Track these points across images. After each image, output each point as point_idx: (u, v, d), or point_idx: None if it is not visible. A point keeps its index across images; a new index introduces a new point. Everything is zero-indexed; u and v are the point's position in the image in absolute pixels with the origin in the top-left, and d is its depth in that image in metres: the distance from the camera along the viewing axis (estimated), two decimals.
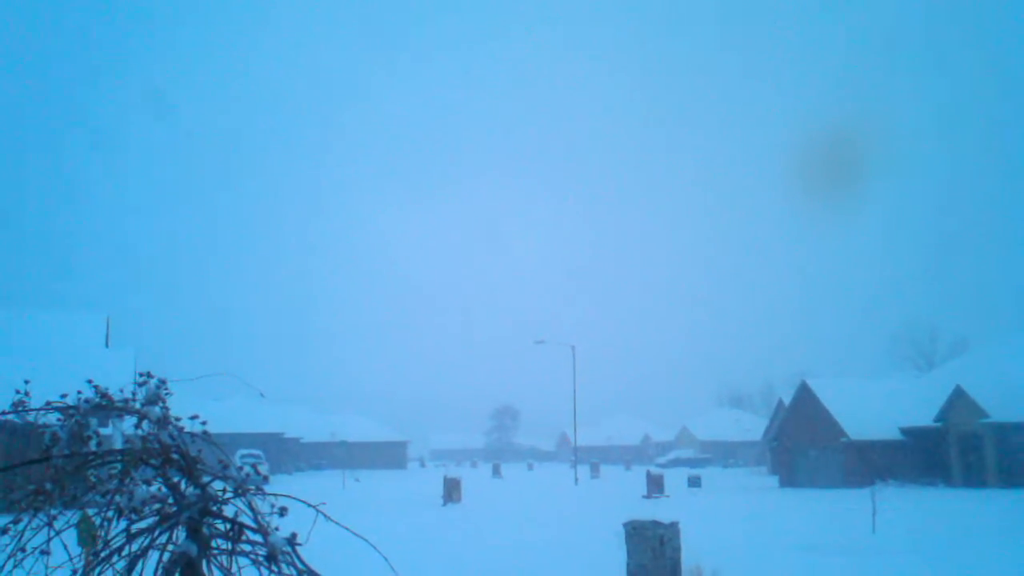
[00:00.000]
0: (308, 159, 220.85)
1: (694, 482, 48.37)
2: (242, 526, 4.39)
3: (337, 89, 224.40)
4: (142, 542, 4.37)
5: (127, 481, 4.42)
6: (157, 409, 4.50)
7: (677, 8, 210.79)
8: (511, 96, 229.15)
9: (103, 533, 4.40)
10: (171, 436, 4.48)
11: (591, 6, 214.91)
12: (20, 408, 4.50)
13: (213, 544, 4.43)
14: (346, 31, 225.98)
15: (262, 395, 6.26)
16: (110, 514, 4.42)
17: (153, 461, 4.48)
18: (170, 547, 4.38)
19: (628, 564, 13.12)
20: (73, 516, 4.67)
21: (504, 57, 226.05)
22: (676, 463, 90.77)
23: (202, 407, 6.39)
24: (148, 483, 4.42)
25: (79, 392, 4.61)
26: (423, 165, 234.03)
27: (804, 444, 53.22)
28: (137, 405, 4.54)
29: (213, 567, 4.41)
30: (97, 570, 4.33)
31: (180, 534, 4.41)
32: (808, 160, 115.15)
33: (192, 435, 4.60)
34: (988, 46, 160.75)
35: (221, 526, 4.45)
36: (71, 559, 4.58)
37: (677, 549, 13.09)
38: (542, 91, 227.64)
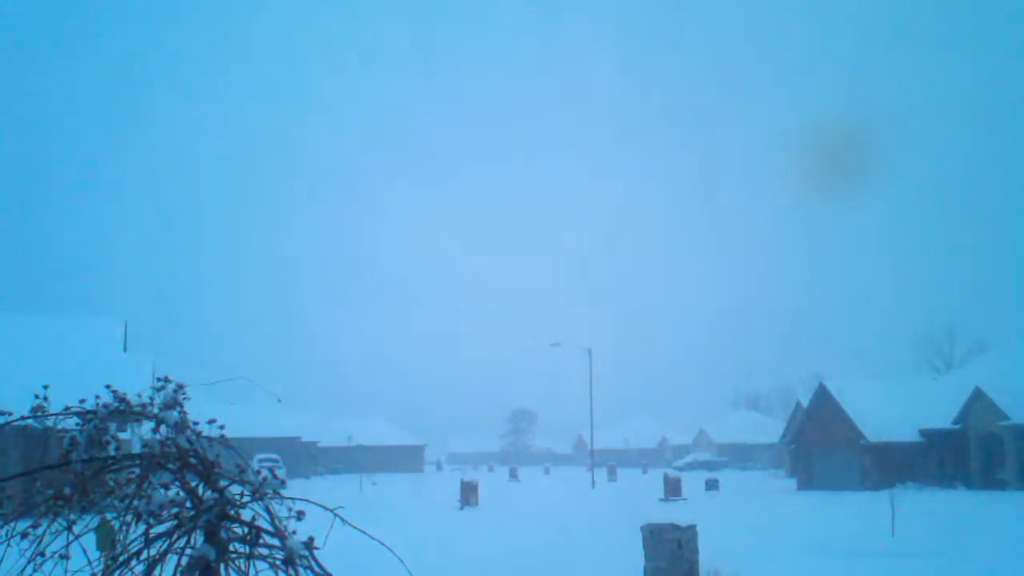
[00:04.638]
0: (321, 164, 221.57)
1: (712, 485, 48.18)
2: (260, 530, 4.41)
3: (353, 96, 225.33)
4: (160, 546, 4.39)
5: (145, 485, 4.45)
6: (175, 414, 4.52)
7: (680, 5, 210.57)
8: (522, 98, 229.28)
9: (122, 537, 4.42)
10: (189, 440, 4.50)
11: (593, 4, 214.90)
12: (39, 413, 4.52)
13: (231, 548, 4.44)
14: (346, 30, 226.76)
15: (279, 400, 6.29)
16: (129, 518, 4.44)
17: (171, 465, 4.50)
18: (188, 551, 4.40)
19: (646, 567, 13.08)
20: (92, 520, 4.69)
21: (512, 56, 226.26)
22: (693, 466, 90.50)
23: (220, 412, 6.43)
24: (166, 487, 4.44)
25: (97, 397, 4.63)
26: (437, 169, 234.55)
27: (822, 446, 52.93)
28: (155, 410, 4.56)
29: (231, 571, 4.42)
30: (116, 574, 4.35)
31: (198, 538, 4.42)
32: (825, 159, 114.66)
33: (210, 439, 4.62)
34: (1004, 33, 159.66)
35: (239, 530, 4.46)
36: (90, 563, 4.60)
37: (695, 552, 13.05)
38: (551, 90, 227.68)
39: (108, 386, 4.73)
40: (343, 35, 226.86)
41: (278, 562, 4.34)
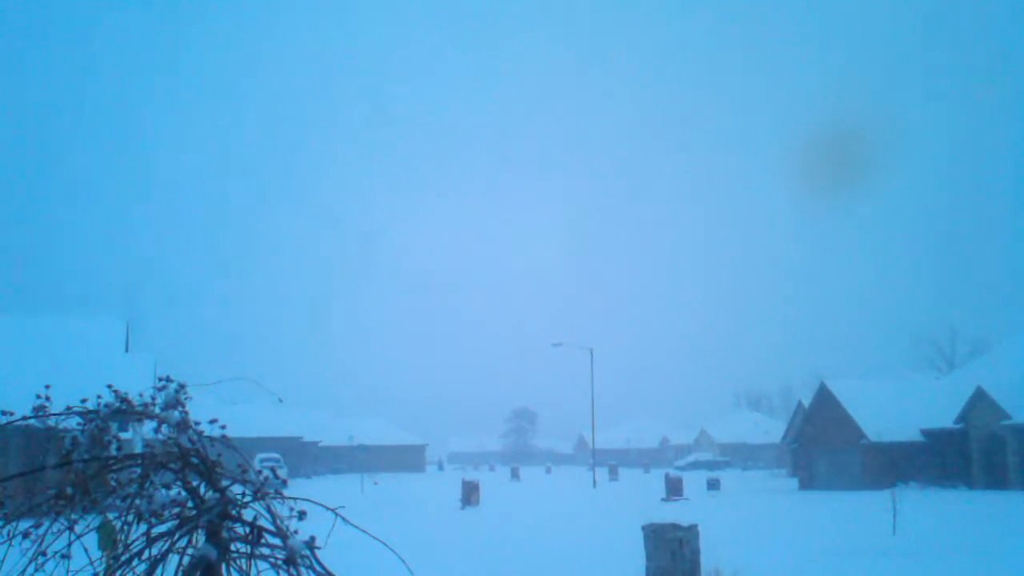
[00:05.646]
0: (323, 163, 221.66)
1: (713, 485, 48.16)
2: (261, 530, 4.40)
3: (349, 93, 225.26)
4: (162, 546, 4.39)
5: (147, 485, 4.44)
6: (176, 413, 4.52)
7: (679, 5, 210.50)
8: (524, 97, 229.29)
9: (123, 537, 4.42)
10: (190, 440, 4.50)
11: (595, 4, 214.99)
12: (41, 413, 4.52)
13: (232, 548, 4.44)
14: (349, 29, 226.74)
15: (281, 400, 6.29)
16: (130, 518, 4.44)
17: (173, 465, 4.50)
18: (190, 551, 4.40)
19: (647, 567, 13.07)
20: (94, 520, 4.69)
21: (513, 55, 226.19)
22: (695, 466, 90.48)
23: (221, 411, 6.43)
24: (168, 487, 4.44)
25: (99, 397, 4.63)
26: (440, 168, 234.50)
27: (824, 446, 52.90)
28: (156, 410, 4.56)
29: (232, 571, 4.42)
30: (118, 574, 4.35)
31: (200, 538, 4.42)
32: (825, 158, 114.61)
33: (211, 439, 4.62)
34: (996, 34, 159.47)
35: (240, 530, 4.46)
36: (92, 563, 4.60)
37: (696, 552, 13.03)
38: (554, 91, 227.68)
39: (110, 386, 4.73)
40: (352, 38, 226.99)
41: (280, 562, 4.34)
